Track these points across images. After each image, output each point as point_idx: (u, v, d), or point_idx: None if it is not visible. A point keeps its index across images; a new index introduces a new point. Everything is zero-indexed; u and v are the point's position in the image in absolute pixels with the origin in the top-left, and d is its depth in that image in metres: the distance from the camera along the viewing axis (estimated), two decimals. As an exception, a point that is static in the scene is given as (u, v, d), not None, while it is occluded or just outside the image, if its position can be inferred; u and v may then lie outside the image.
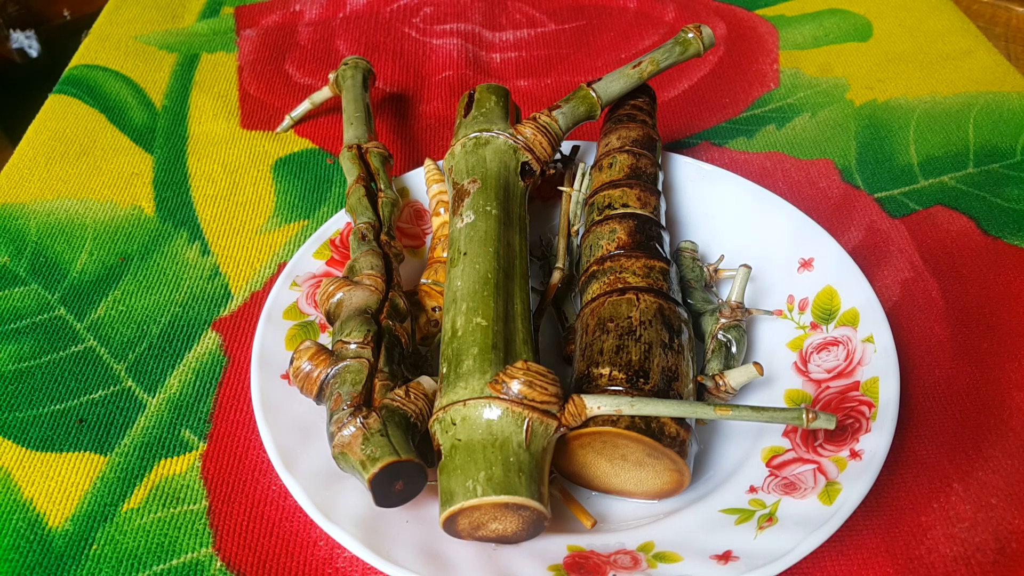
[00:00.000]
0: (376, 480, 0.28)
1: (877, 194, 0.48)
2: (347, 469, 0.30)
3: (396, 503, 0.29)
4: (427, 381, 0.32)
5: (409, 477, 0.29)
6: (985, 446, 0.36)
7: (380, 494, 0.29)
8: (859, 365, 0.36)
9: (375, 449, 0.29)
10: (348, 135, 0.45)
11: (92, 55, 0.60)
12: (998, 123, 0.52)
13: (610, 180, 0.40)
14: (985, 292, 0.42)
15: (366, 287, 0.35)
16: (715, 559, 0.30)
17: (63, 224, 0.48)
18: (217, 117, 0.55)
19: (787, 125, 0.53)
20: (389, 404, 0.30)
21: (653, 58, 0.42)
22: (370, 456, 0.29)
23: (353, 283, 0.35)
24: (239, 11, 0.65)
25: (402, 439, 0.29)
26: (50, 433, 0.38)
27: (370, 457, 0.29)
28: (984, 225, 0.45)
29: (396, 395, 0.31)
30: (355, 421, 0.29)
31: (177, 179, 0.51)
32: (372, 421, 0.29)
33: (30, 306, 0.43)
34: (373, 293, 0.35)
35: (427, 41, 0.62)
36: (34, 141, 0.54)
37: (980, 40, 0.59)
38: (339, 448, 0.29)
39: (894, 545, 0.33)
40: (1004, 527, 0.33)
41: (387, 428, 0.29)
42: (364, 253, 0.37)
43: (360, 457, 0.29)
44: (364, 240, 0.38)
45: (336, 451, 0.30)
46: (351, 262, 0.37)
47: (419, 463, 0.29)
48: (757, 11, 0.63)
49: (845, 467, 0.32)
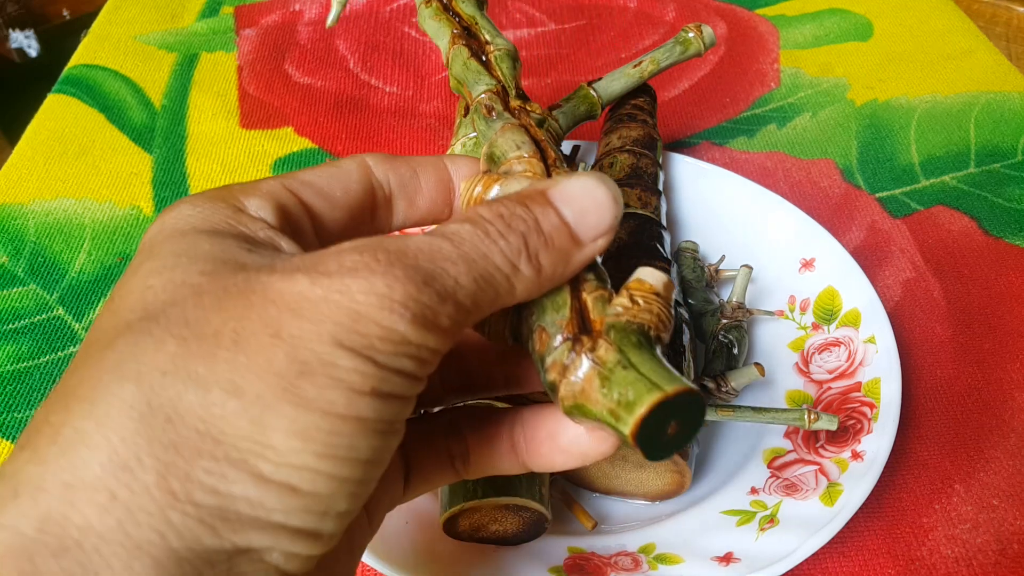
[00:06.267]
0: (642, 431, 0.20)
1: (878, 194, 0.48)
2: (588, 425, 0.21)
3: (672, 451, 0.21)
4: (648, 273, 0.21)
5: (684, 413, 0.20)
6: (987, 447, 0.36)
7: (651, 446, 0.20)
8: (861, 366, 0.35)
9: (625, 390, 0.20)
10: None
11: (91, 55, 0.60)
12: (999, 123, 0.51)
13: (611, 180, 0.40)
14: (986, 292, 0.42)
15: (522, 176, 0.24)
16: (716, 561, 0.30)
17: (62, 224, 0.48)
18: (216, 117, 0.55)
19: (788, 125, 0.53)
20: (616, 322, 0.21)
21: (654, 57, 0.41)
22: (622, 401, 0.20)
23: (502, 175, 0.24)
24: (239, 11, 0.65)
25: (655, 363, 0.20)
26: (49, 434, 0.38)
27: (622, 402, 0.20)
28: (985, 225, 0.45)
29: (620, 304, 0.21)
30: (581, 358, 0.20)
31: (176, 179, 0.51)
32: (604, 352, 0.20)
33: (28, 306, 0.43)
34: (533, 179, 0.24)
35: (427, 41, 0.62)
36: (33, 141, 0.53)
37: (981, 40, 0.59)
38: (571, 400, 0.21)
39: (895, 546, 0.33)
40: (1006, 528, 0.33)
41: (627, 355, 0.20)
42: (501, 131, 0.26)
43: (607, 405, 0.20)
44: (493, 114, 0.27)
45: (567, 405, 0.21)
46: (488, 148, 0.27)
47: (693, 389, 0.20)
48: (757, 10, 0.63)
49: (847, 468, 0.32)
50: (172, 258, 0.18)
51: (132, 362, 0.16)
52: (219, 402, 0.15)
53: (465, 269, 0.18)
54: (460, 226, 0.18)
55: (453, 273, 0.17)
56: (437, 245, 0.18)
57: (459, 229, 0.18)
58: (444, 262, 0.17)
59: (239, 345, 0.16)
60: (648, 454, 0.20)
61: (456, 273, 0.17)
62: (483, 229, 0.18)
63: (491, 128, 0.26)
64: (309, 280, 0.16)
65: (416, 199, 0.23)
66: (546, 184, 0.20)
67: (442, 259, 0.18)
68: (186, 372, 0.15)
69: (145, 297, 0.17)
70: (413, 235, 0.18)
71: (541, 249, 0.19)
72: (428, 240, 0.18)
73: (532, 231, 0.19)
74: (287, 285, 0.17)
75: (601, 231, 0.20)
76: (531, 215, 0.19)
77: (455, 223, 0.19)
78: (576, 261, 0.20)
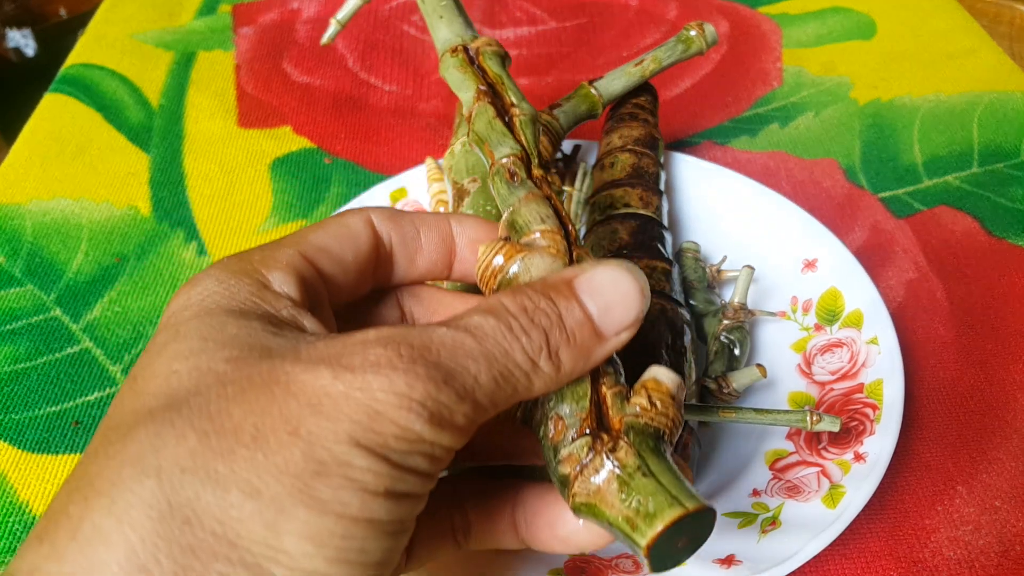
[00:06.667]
0: (658, 545, 0.19)
1: (881, 194, 0.47)
2: (597, 523, 0.20)
3: (677, 563, 0.21)
4: (664, 374, 0.21)
5: (696, 527, 0.20)
6: (989, 448, 0.35)
7: (659, 558, 0.20)
8: (863, 367, 0.35)
9: (645, 500, 0.19)
10: (442, 34, 0.31)
11: (88, 54, 0.60)
12: (1002, 122, 0.51)
13: (612, 180, 0.40)
14: (989, 293, 0.42)
15: (545, 252, 0.23)
16: (718, 563, 0.29)
17: (59, 224, 0.47)
18: (214, 116, 0.55)
19: (790, 124, 0.52)
20: (635, 423, 0.21)
21: (655, 56, 0.41)
22: (641, 511, 0.19)
23: (524, 247, 0.23)
24: (236, 9, 0.65)
25: (672, 475, 0.20)
26: (46, 435, 0.37)
27: (641, 512, 0.19)
28: (988, 225, 0.45)
29: (639, 404, 0.21)
30: (601, 458, 0.20)
31: (174, 179, 0.50)
32: (624, 455, 0.20)
33: (25, 307, 0.43)
34: (556, 257, 0.23)
35: (426, 39, 0.62)
36: (30, 140, 0.53)
37: (984, 39, 0.58)
38: (584, 498, 0.20)
39: (898, 548, 0.32)
40: (1008, 530, 0.33)
41: (646, 462, 0.20)
42: (525, 200, 0.25)
43: (624, 512, 0.20)
44: (516, 180, 0.26)
45: (578, 502, 0.20)
46: (510, 215, 0.25)
47: (709, 507, 0.20)
48: (760, 9, 0.63)
49: (849, 470, 0.32)
50: (199, 341, 0.18)
51: (153, 456, 0.16)
52: (236, 504, 0.15)
53: (486, 367, 0.18)
54: (484, 319, 0.18)
55: (473, 371, 0.18)
56: (460, 340, 0.18)
57: (482, 323, 0.18)
58: (465, 359, 0.18)
59: (258, 442, 0.16)
60: (654, 566, 0.20)
61: (476, 371, 0.18)
62: (506, 324, 0.18)
63: (513, 194, 0.25)
64: (332, 374, 0.17)
65: (416, 258, 0.23)
66: (572, 273, 0.20)
67: (463, 355, 0.18)
68: (205, 470, 0.16)
69: (170, 383, 0.17)
70: (437, 328, 0.18)
71: (562, 345, 0.19)
72: (452, 335, 0.18)
73: (555, 327, 0.19)
74: (310, 378, 0.17)
75: (625, 325, 0.20)
76: (555, 309, 0.19)
77: (479, 314, 0.19)
78: (597, 356, 0.20)
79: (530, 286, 0.20)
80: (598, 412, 0.21)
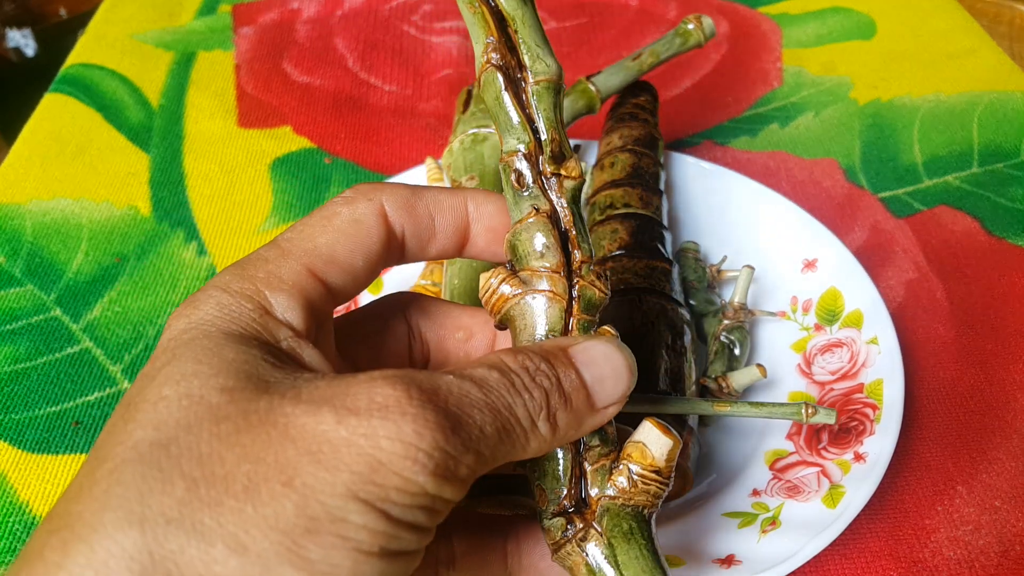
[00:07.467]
0: None
1: (881, 194, 0.47)
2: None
3: None
4: (654, 440, 0.21)
5: None
6: (989, 448, 0.35)
7: None
8: (863, 367, 0.35)
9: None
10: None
11: (88, 54, 0.60)
12: (1002, 122, 0.51)
13: (612, 180, 0.40)
14: (989, 293, 0.42)
15: (543, 295, 0.22)
16: (718, 563, 0.29)
17: (59, 224, 0.47)
18: (214, 116, 0.55)
19: (790, 124, 0.52)
20: (611, 505, 0.21)
21: (653, 50, 0.41)
22: None
23: (524, 290, 0.22)
24: (236, 9, 0.65)
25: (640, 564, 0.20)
26: (46, 435, 0.37)
27: None
28: (988, 225, 0.45)
29: (617, 486, 0.21)
30: (573, 545, 0.21)
31: (174, 179, 0.50)
32: (595, 545, 0.21)
33: (26, 307, 0.43)
34: (554, 301, 0.22)
35: (426, 39, 0.62)
36: (30, 141, 0.53)
37: (984, 39, 0.58)
38: (560, 564, 0.22)
39: (898, 548, 0.32)
40: (1008, 530, 0.33)
41: (615, 551, 0.20)
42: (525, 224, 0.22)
43: None
44: (521, 186, 0.23)
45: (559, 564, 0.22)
46: (511, 236, 0.23)
47: None
48: (760, 9, 0.63)
49: (849, 470, 0.32)
50: (193, 364, 0.17)
51: (137, 504, 0.15)
52: (221, 559, 0.15)
53: (491, 418, 0.18)
54: (488, 373, 0.18)
55: (479, 421, 0.17)
56: (466, 389, 0.18)
57: (487, 376, 0.18)
58: (471, 408, 0.17)
59: (249, 493, 0.15)
60: None
61: (482, 421, 0.18)
62: (510, 379, 0.18)
63: (517, 205, 0.22)
64: (335, 418, 0.16)
65: (428, 245, 0.23)
66: (568, 342, 0.20)
67: (469, 405, 0.18)
68: (191, 521, 0.15)
69: (158, 410, 0.16)
70: (443, 375, 0.18)
71: (560, 408, 0.19)
72: (458, 383, 0.18)
73: (554, 389, 0.19)
74: (311, 422, 0.16)
75: (615, 399, 0.20)
76: (554, 373, 0.19)
77: (483, 367, 0.19)
78: (588, 425, 0.20)
79: (530, 348, 0.20)
80: (580, 487, 0.21)
